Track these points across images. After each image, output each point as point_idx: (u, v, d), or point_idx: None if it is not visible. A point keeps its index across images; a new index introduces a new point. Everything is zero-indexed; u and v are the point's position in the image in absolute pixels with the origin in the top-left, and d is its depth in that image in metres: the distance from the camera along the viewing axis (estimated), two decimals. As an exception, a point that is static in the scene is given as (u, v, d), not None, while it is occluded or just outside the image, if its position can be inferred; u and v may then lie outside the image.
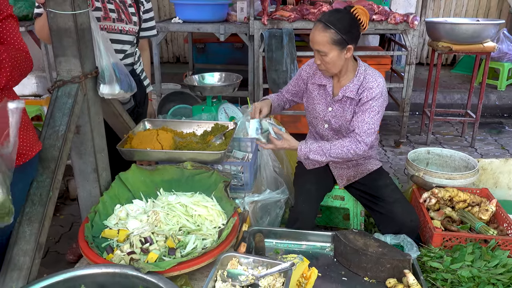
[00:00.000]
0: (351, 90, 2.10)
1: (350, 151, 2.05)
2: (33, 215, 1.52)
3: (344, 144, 2.06)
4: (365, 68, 2.14)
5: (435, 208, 2.39)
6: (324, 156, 2.08)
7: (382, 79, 2.11)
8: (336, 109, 2.17)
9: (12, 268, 1.45)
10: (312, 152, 2.09)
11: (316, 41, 1.99)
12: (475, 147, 4.39)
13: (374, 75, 2.11)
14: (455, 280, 1.86)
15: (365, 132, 2.04)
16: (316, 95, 2.23)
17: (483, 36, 3.96)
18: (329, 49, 1.98)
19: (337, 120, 2.17)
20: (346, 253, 1.89)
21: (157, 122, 2.40)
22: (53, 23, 1.66)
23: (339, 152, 2.06)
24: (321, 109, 2.22)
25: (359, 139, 2.04)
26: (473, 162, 2.76)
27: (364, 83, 2.09)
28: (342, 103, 2.15)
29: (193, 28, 4.09)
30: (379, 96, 2.06)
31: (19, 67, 1.41)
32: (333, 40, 1.96)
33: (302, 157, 2.14)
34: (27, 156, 1.52)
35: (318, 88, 2.22)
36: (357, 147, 2.05)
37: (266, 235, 2.02)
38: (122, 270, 1.47)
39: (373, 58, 4.08)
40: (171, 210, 1.84)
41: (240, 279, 1.56)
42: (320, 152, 2.08)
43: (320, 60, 2.04)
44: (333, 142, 2.09)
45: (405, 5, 6.17)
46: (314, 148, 2.09)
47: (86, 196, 1.93)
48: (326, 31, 1.96)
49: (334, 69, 2.06)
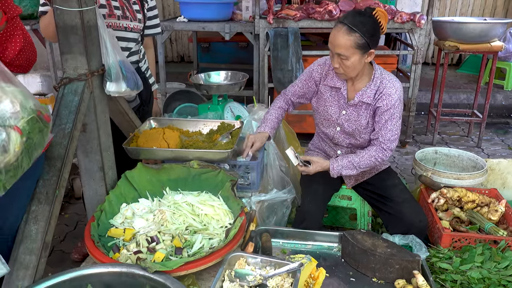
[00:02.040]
0: (368, 95, 2.06)
1: (378, 160, 2.09)
2: (40, 213, 1.51)
3: (372, 154, 2.08)
4: (381, 72, 2.09)
5: (443, 208, 2.36)
6: (355, 169, 2.10)
7: (399, 84, 2.07)
8: (350, 113, 2.13)
9: (18, 267, 1.44)
10: (344, 168, 2.10)
11: (338, 44, 1.92)
12: (481, 147, 4.35)
13: (391, 80, 2.06)
14: (464, 282, 1.84)
15: (389, 139, 2.07)
16: (328, 97, 2.17)
17: (490, 35, 3.92)
18: (352, 53, 1.92)
19: (350, 124, 2.14)
20: (354, 253, 1.87)
21: (163, 121, 2.39)
22: (60, 20, 1.65)
23: (368, 163, 2.09)
24: (334, 111, 2.17)
25: (385, 147, 2.07)
26: (481, 162, 2.73)
27: (381, 88, 2.05)
28: (357, 108, 2.11)
29: (198, 27, 4.07)
30: (398, 102, 2.05)
31: (27, 52, 1.42)
32: (357, 44, 1.90)
33: (335, 174, 2.12)
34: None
35: (331, 90, 2.16)
36: (384, 155, 2.08)
37: (273, 235, 2.01)
38: (128, 269, 1.46)
39: (379, 57, 4.05)
40: (178, 209, 1.83)
41: (247, 279, 1.54)
42: (350, 167, 2.10)
43: (339, 64, 1.98)
44: (360, 154, 2.10)
45: (410, 5, 6.13)
46: (345, 164, 2.10)
47: (92, 194, 1.91)
48: (351, 35, 1.89)
49: (353, 73, 2.01)
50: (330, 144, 2.30)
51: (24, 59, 1.45)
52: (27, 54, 1.45)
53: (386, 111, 2.04)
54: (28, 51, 1.46)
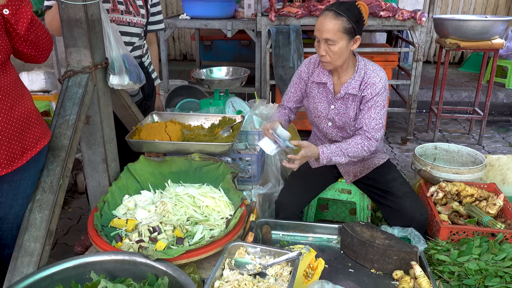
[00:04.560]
0: (353, 86, 2.07)
1: (364, 149, 2.04)
2: (44, 202, 1.54)
3: (357, 141, 2.04)
4: (365, 62, 2.11)
5: (442, 202, 2.38)
6: (343, 156, 2.04)
7: (384, 73, 2.08)
8: (339, 107, 2.13)
9: (23, 254, 1.47)
10: (333, 155, 2.04)
11: (326, 29, 1.94)
12: (482, 144, 4.36)
13: (375, 70, 2.07)
14: (462, 273, 1.86)
15: (373, 128, 2.04)
16: (316, 94, 2.18)
17: (491, 32, 3.93)
18: (339, 38, 1.94)
19: (340, 117, 2.14)
20: (353, 245, 1.89)
21: (165, 115, 2.42)
22: (64, 13, 1.68)
23: (355, 151, 2.04)
24: (323, 107, 2.17)
25: (369, 135, 2.04)
26: (480, 157, 2.75)
27: (365, 78, 2.06)
28: (345, 100, 2.11)
29: (201, 24, 4.11)
30: (383, 90, 2.05)
31: (36, 27, 1.46)
32: (345, 28, 1.92)
33: (325, 160, 2.04)
34: (41, 145, 1.55)
35: (318, 86, 2.17)
36: (369, 144, 2.04)
37: (273, 227, 2.03)
38: (131, 257, 1.49)
39: (380, 54, 4.07)
40: (179, 201, 1.86)
41: (247, 267, 1.57)
42: (339, 153, 2.04)
43: (325, 51, 1.98)
44: (347, 141, 2.05)
45: (412, 2, 6.14)
46: (333, 149, 2.04)
47: (95, 186, 1.95)
48: (338, 19, 1.92)
49: (339, 60, 2.01)
50: (324, 141, 2.31)
51: (35, 35, 1.46)
52: (37, 31, 1.47)
53: (370, 99, 2.04)
54: (37, 27, 1.47)
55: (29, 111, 1.54)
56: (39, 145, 1.56)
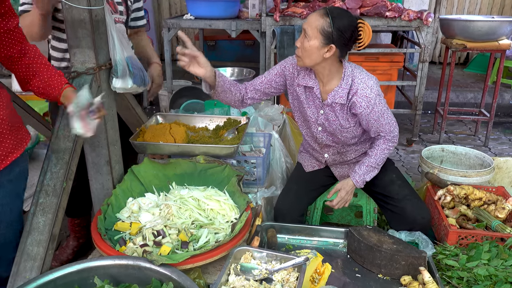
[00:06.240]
0: (341, 95, 1.99)
1: (390, 149, 2.13)
2: (47, 205, 1.53)
3: (382, 147, 2.11)
4: (352, 69, 2.01)
5: (450, 206, 2.35)
6: (375, 169, 2.14)
7: (372, 81, 1.98)
8: (328, 113, 2.07)
9: (25, 259, 1.45)
10: (366, 175, 2.13)
11: (309, 21, 1.89)
12: (488, 146, 4.32)
13: (363, 79, 1.97)
14: (471, 279, 1.83)
15: (391, 130, 2.09)
16: (304, 98, 2.11)
17: (498, 33, 3.89)
18: (314, 36, 1.86)
19: (330, 123, 2.09)
20: (360, 249, 1.87)
21: (169, 117, 2.39)
22: (68, 14, 1.66)
23: (383, 157, 2.13)
24: (312, 112, 2.12)
25: (389, 137, 2.10)
26: (488, 160, 2.71)
27: (353, 87, 1.97)
28: (333, 108, 2.05)
29: (205, 24, 4.09)
30: (378, 98, 1.98)
31: None
32: (323, 29, 1.84)
33: (362, 184, 2.15)
34: (12, 157, 1.47)
35: (305, 90, 2.10)
36: (392, 142, 2.12)
37: (278, 230, 2.01)
38: (135, 262, 1.47)
39: (385, 55, 4.04)
40: (184, 204, 1.83)
41: (253, 273, 1.54)
42: (370, 170, 2.13)
43: (300, 43, 1.92)
44: (372, 152, 2.12)
45: (418, 3, 6.11)
46: (363, 170, 2.12)
47: (99, 188, 1.92)
48: (322, 18, 1.85)
49: (308, 60, 1.93)
50: (316, 147, 2.26)
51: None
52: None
53: (371, 112, 1.99)
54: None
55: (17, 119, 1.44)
56: (10, 158, 1.44)
